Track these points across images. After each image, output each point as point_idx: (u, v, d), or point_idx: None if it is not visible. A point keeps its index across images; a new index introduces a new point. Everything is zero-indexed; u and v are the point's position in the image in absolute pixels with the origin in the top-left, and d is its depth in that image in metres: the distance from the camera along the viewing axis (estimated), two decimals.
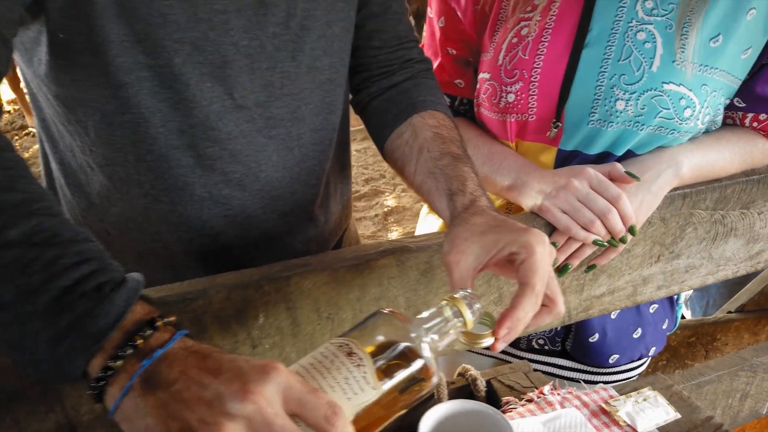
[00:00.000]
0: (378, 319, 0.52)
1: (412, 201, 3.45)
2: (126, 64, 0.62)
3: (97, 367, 0.43)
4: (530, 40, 0.85)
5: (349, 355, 0.47)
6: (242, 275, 0.68)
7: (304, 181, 0.77)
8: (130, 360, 0.43)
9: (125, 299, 0.45)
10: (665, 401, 0.82)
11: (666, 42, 0.79)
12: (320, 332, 0.74)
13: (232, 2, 0.64)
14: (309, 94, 0.73)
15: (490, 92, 0.90)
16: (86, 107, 0.65)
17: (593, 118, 0.84)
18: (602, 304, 0.92)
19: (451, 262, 0.60)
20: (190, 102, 0.66)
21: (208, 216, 0.73)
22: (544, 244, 0.58)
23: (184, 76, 0.64)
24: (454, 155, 0.73)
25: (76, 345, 0.43)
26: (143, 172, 0.69)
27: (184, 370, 0.42)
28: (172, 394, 0.41)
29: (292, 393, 0.41)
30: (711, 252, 0.95)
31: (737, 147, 0.89)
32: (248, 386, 0.40)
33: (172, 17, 0.61)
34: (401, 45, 0.82)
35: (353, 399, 0.45)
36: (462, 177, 0.69)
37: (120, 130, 0.66)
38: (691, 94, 0.80)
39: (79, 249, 0.47)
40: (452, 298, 0.55)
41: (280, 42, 0.69)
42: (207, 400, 0.40)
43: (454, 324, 0.54)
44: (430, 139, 0.75)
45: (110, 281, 0.46)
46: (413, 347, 0.50)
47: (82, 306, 0.44)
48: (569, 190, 0.79)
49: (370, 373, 0.46)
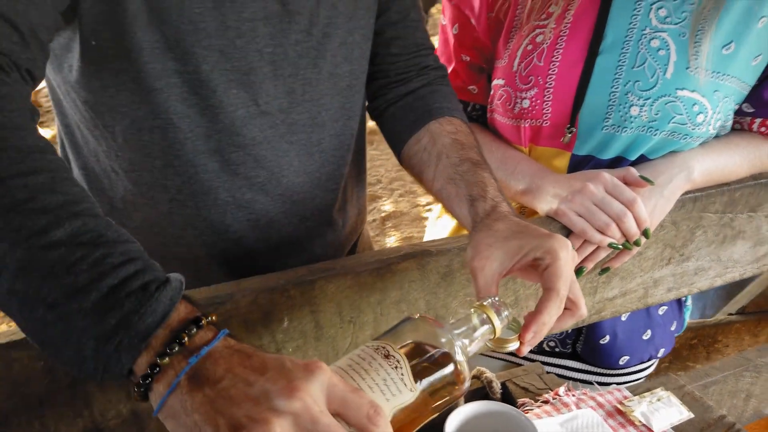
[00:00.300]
0: (410, 324, 0.53)
1: (409, 206, 3.46)
2: (156, 70, 0.63)
3: (143, 364, 0.44)
4: (545, 47, 0.86)
5: (386, 357, 0.48)
6: (268, 279, 0.69)
7: (324, 186, 0.78)
8: (177, 357, 0.44)
9: (170, 298, 0.46)
10: (678, 401, 0.83)
11: (679, 49, 0.81)
12: (342, 336, 0.75)
13: (260, 10, 0.65)
14: (329, 101, 0.74)
15: (504, 98, 0.91)
16: (115, 112, 0.66)
17: (607, 124, 0.85)
18: (614, 306, 0.93)
19: (476, 267, 0.61)
20: (217, 108, 0.67)
21: (231, 220, 0.74)
22: (568, 250, 0.59)
23: (212, 83, 0.65)
24: (474, 161, 0.74)
25: (124, 342, 0.44)
26: (170, 176, 0.70)
27: (230, 368, 0.42)
28: (219, 391, 0.41)
29: (336, 392, 0.42)
30: (719, 254, 0.96)
31: (746, 151, 0.90)
32: (294, 383, 0.40)
33: (202, 25, 0.62)
34: (418, 52, 0.84)
35: (392, 400, 0.46)
36: (482, 183, 0.71)
37: (149, 135, 0.67)
38: (703, 100, 0.82)
39: (123, 249, 0.47)
40: (481, 306, 0.56)
41: (303, 49, 0.70)
42: (254, 397, 0.40)
43: (484, 331, 0.55)
44: (448, 145, 0.76)
45: (155, 280, 0.47)
46: (446, 351, 0.51)
47: (129, 304, 0.44)
48: (585, 194, 0.80)
49: (408, 375, 0.47)
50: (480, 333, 0.55)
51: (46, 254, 0.44)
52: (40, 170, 0.47)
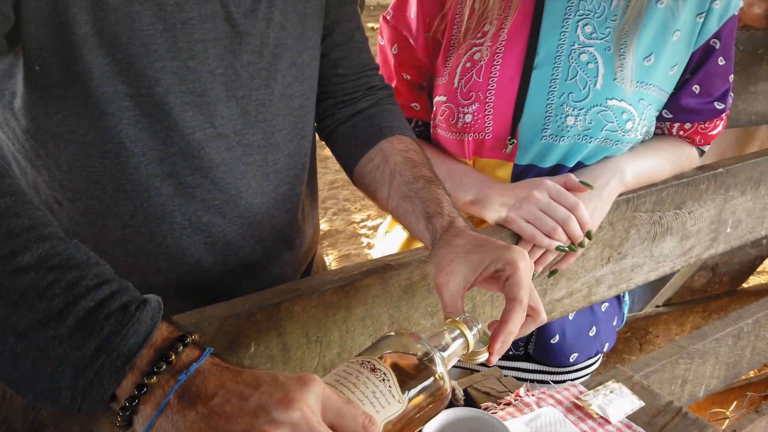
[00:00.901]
0: (389, 340, 0.54)
1: (344, 224, 3.47)
2: (107, 94, 0.61)
3: (128, 387, 0.42)
4: (483, 64, 0.91)
5: (373, 371, 0.49)
6: (233, 305, 0.68)
7: (280, 206, 0.78)
8: (164, 376, 0.43)
9: (151, 317, 0.45)
10: (629, 391, 0.88)
11: (606, 62, 0.87)
12: (309, 356, 0.74)
13: (210, 31, 0.65)
14: (282, 121, 0.75)
15: (447, 114, 0.95)
16: (61, 140, 0.64)
17: (546, 134, 0.90)
18: (562, 306, 0.98)
19: (440, 284, 0.63)
20: (172, 130, 0.66)
21: (188, 244, 0.72)
22: (526, 260, 0.62)
23: (165, 105, 0.64)
24: (427, 178, 0.76)
25: (106, 366, 0.42)
26: (122, 202, 0.68)
27: (222, 384, 0.42)
28: (213, 408, 0.40)
29: (331, 403, 0.42)
30: (652, 251, 1.03)
31: (668, 153, 0.98)
32: (291, 394, 0.40)
33: (154, 47, 0.61)
34: (364, 73, 0.85)
35: (381, 412, 0.47)
36: (437, 199, 0.73)
37: (99, 160, 0.65)
38: (631, 108, 0.88)
39: (97, 271, 0.46)
40: (454, 321, 0.58)
41: (255, 70, 0.70)
42: (250, 411, 0.40)
43: (458, 345, 0.57)
44: (401, 163, 0.78)
45: (134, 300, 0.45)
46: (428, 362, 0.52)
47: (109, 326, 0.43)
48: (531, 201, 0.84)
49: (395, 387, 0.48)
50: (455, 347, 0.57)
51: (15, 280, 0.43)
52: (2, 194, 0.45)
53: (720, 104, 0.97)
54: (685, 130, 0.99)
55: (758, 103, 1.62)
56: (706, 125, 0.98)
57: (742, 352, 1.35)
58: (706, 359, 1.27)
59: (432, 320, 0.83)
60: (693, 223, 1.06)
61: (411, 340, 0.54)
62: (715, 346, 1.28)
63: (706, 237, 1.10)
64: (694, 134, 0.99)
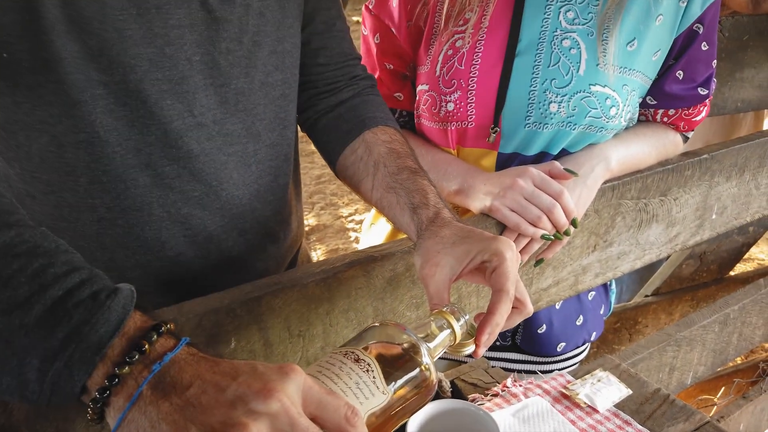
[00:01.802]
0: (375, 330, 0.53)
1: (332, 218, 3.45)
2: (79, 81, 0.59)
3: (99, 377, 0.41)
4: (465, 51, 0.89)
5: (356, 362, 0.47)
6: (212, 300, 0.67)
7: (263, 198, 0.77)
8: (137, 366, 0.41)
9: (122, 306, 0.44)
10: (617, 380, 0.88)
11: (589, 47, 0.86)
12: (292, 351, 0.73)
13: (186, 17, 0.63)
14: (263, 110, 0.73)
15: (429, 102, 0.93)
16: (31, 130, 0.62)
17: (529, 121, 0.89)
18: (549, 295, 0.97)
19: (426, 275, 0.62)
20: (148, 119, 0.64)
21: (167, 236, 0.71)
22: (513, 250, 0.61)
23: (141, 93, 0.62)
24: (411, 169, 0.75)
25: (76, 357, 0.41)
26: (97, 194, 0.66)
27: (198, 374, 0.41)
28: (189, 399, 0.39)
29: (312, 394, 0.41)
30: (638, 238, 1.03)
31: (653, 140, 0.98)
32: (270, 385, 0.39)
33: (128, 32, 0.60)
34: (346, 62, 0.84)
35: (365, 404, 0.46)
36: (422, 190, 0.72)
37: (72, 151, 0.63)
38: (614, 94, 0.88)
39: (66, 259, 0.44)
40: (441, 312, 0.57)
41: (234, 58, 0.68)
42: (228, 402, 0.39)
43: (445, 336, 0.56)
44: (385, 154, 0.77)
45: (104, 288, 0.44)
46: (414, 353, 0.51)
47: (78, 315, 0.42)
48: (516, 190, 0.83)
49: (379, 378, 0.47)
50: (442, 338, 0.56)
51: None
52: None
53: (704, 90, 0.97)
54: (669, 117, 0.98)
55: (744, 90, 1.62)
56: (690, 111, 0.98)
57: (729, 339, 1.36)
58: (693, 346, 1.27)
59: (417, 312, 0.82)
60: (678, 210, 1.06)
61: (396, 330, 0.53)
62: (702, 333, 1.28)
63: (692, 224, 1.10)
64: (678, 120, 0.99)
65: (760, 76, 1.62)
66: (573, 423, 0.80)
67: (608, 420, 0.81)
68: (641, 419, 0.81)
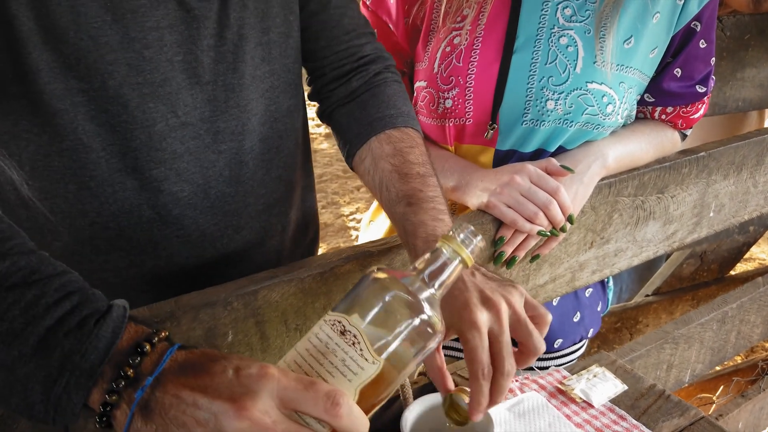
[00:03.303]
0: (368, 284, 0.49)
1: (333, 217, 3.46)
2: (58, 90, 0.60)
3: (96, 401, 0.44)
4: (463, 48, 0.90)
5: (342, 334, 0.46)
6: (209, 293, 0.67)
7: (256, 193, 0.77)
8: (126, 391, 0.43)
9: (112, 329, 0.45)
10: (612, 375, 0.88)
11: (586, 45, 0.87)
12: (289, 344, 0.73)
13: (163, 18, 0.63)
14: (255, 105, 0.73)
15: (427, 99, 0.94)
16: (18, 139, 0.62)
17: (526, 119, 0.90)
18: (546, 292, 0.97)
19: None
20: (130, 124, 0.64)
21: (159, 238, 0.71)
22: (478, 327, 0.56)
23: (122, 98, 0.63)
24: (408, 199, 0.71)
25: (72, 383, 0.43)
26: (86, 200, 0.66)
27: (177, 393, 0.42)
28: (171, 420, 0.42)
29: (287, 394, 0.42)
30: (635, 235, 1.03)
31: (650, 137, 0.98)
32: (239, 402, 0.41)
33: (104, 39, 0.60)
34: (350, 41, 0.80)
35: (354, 380, 0.45)
36: (414, 232, 0.68)
37: (58, 159, 0.63)
38: (611, 92, 0.88)
39: (59, 284, 0.46)
40: (447, 237, 0.51)
41: (218, 54, 0.68)
42: (203, 421, 0.41)
43: (454, 267, 0.51)
44: (387, 173, 0.74)
45: (94, 313, 0.46)
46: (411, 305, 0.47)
47: (69, 344, 0.44)
48: (512, 186, 0.84)
49: (367, 349, 0.45)
50: (449, 270, 0.51)
51: None
52: None
53: (702, 87, 0.97)
54: (667, 114, 0.98)
55: (745, 90, 1.63)
56: (688, 109, 0.98)
57: (727, 337, 1.36)
58: (691, 344, 1.28)
59: None
60: (676, 207, 1.06)
61: (392, 280, 0.48)
62: (700, 331, 1.28)
63: (690, 221, 1.10)
64: (676, 118, 0.99)
65: (761, 76, 1.62)
66: (568, 418, 0.81)
67: (603, 415, 0.81)
68: (636, 414, 0.82)
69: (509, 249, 0.86)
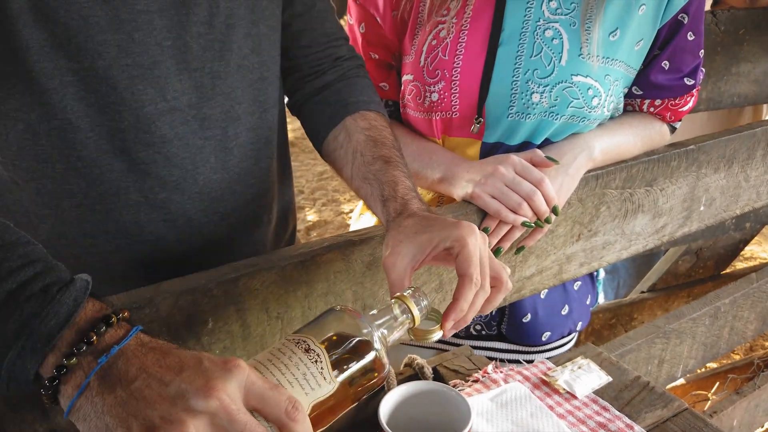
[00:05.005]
0: (330, 316, 0.54)
1: (333, 214, 3.47)
2: (47, 69, 0.60)
3: (49, 367, 0.43)
4: (448, 41, 0.90)
5: (306, 352, 0.49)
6: (189, 280, 0.68)
7: (243, 182, 0.78)
8: (86, 357, 0.43)
9: (74, 298, 0.45)
10: (597, 367, 0.88)
11: (571, 38, 0.87)
12: (270, 333, 0.74)
13: (153, 2, 0.64)
14: (241, 94, 0.74)
15: (414, 92, 0.94)
16: (7, 118, 0.63)
17: (512, 111, 0.90)
18: (533, 284, 0.97)
19: (387, 265, 0.64)
20: (119, 105, 0.65)
21: (146, 221, 0.72)
22: (475, 234, 0.61)
23: (111, 79, 0.63)
24: (386, 159, 0.75)
25: (27, 348, 0.43)
26: (74, 180, 0.67)
27: (144, 367, 0.42)
28: (132, 392, 0.41)
29: (255, 389, 0.43)
30: (623, 228, 1.03)
31: (638, 130, 0.98)
32: (211, 383, 0.41)
33: (94, 19, 0.61)
34: (329, 43, 0.84)
35: (311, 394, 0.48)
36: (393, 182, 0.72)
37: (46, 138, 0.64)
38: (597, 85, 0.88)
39: (22, 252, 0.46)
40: (401, 296, 0.58)
41: (206, 41, 0.69)
42: (169, 397, 0.40)
43: (403, 320, 0.57)
44: (362, 142, 0.78)
45: (57, 282, 0.45)
46: (365, 341, 0.53)
47: (29, 308, 0.43)
48: (497, 177, 0.84)
49: (327, 369, 0.49)
50: (399, 322, 0.57)
51: None
52: None
53: (690, 80, 0.97)
54: (655, 107, 0.98)
55: (740, 85, 1.62)
56: (677, 101, 0.98)
57: (720, 332, 1.35)
58: (683, 339, 1.27)
59: None
60: (665, 201, 1.06)
61: (351, 317, 0.54)
62: (692, 326, 1.28)
63: (680, 215, 1.10)
64: (665, 110, 0.99)
65: (757, 71, 1.61)
66: (551, 408, 0.81)
67: (586, 406, 0.81)
68: (619, 405, 0.81)
69: (494, 240, 0.87)
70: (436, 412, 0.68)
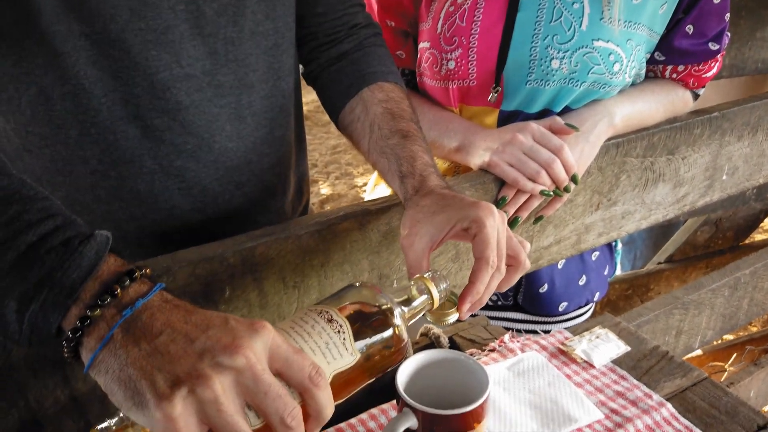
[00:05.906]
0: (353, 291, 0.54)
1: (347, 188, 3.46)
2: (60, 32, 0.60)
3: (73, 318, 0.42)
4: (466, 7, 0.88)
5: (329, 322, 0.49)
6: (206, 249, 0.68)
7: (258, 151, 0.77)
8: (110, 309, 0.42)
9: (96, 251, 0.44)
10: (615, 337, 0.88)
11: (592, 1, 0.84)
12: (287, 302, 0.74)
13: None
14: (255, 61, 0.73)
15: (431, 60, 0.92)
16: (19, 82, 0.63)
17: (531, 78, 0.88)
18: (550, 254, 0.97)
19: (405, 245, 0.63)
20: (132, 70, 0.64)
21: (161, 189, 0.72)
22: (494, 215, 0.60)
23: (124, 43, 0.63)
24: (403, 133, 0.74)
25: (49, 300, 0.42)
26: (88, 146, 0.67)
27: (169, 322, 0.42)
28: (157, 346, 0.40)
29: (280, 352, 0.42)
30: (643, 197, 1.02)
31: (660, 96, 0.95)
32: (238, 341, 0.40)
33: None
34: (345, 10, 0.82)
35: (332, 363, 0.47)
36: (411, 157, 0.71)
37: (60, 103, 0.63)
38: (618, 50, 0.86)
39: (42, 206, 0.45)
40: (422, 278, 0.58)
41: (219, 6, 0.68)
42: (196, 353, 0.40)
43: (423, 301, 0.57)
44: (380, 115, 0.76)
45: (78, 235, 0.45)
46: (386, 316, 0.52)
47: (50, 260, 0.43)
48: (515, 144, 0.82)
49: (349, 340, 0.48)
50: (419, 302, 0.57)
51: None
52: None
53: (715, 45, 0.94)
54: (678, 73, 0.96)
55: (765, 50, 1.57)
56: (700, 67, 0.95)
57: (739, 303, 1.34)
58: (701, 310, 1.26)
59: None
60: (687, 170, 1.04)
61: (373, 292, 0.54)
62: (710, 297, 1.26)
63: (701, 184, 1.08)
64: (688, 77, 0.96)
65: None
66: (569, 377, 0.80)
67: (604, 375, 0.81)
68: (638, 375, 0.81)
69: (512, 209, 0.86)
70: (454, 381, 0.67)
